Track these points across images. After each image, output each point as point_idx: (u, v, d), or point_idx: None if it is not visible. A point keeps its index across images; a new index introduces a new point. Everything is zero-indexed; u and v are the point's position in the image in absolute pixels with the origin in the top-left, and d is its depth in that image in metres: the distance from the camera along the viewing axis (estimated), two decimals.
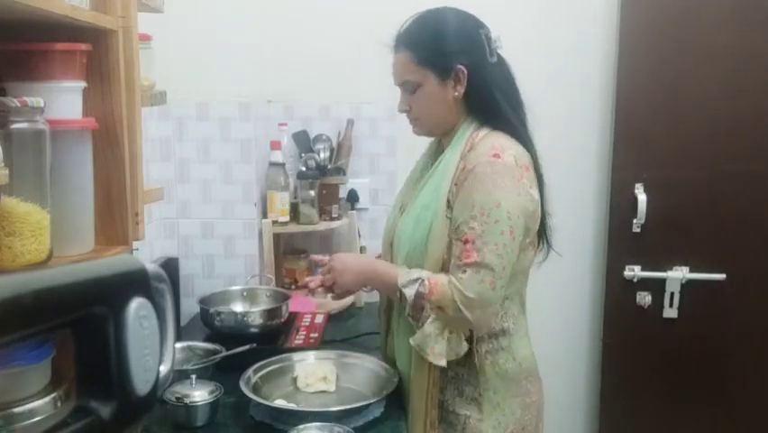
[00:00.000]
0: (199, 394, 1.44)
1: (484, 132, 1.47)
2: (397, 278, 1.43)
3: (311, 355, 1.69)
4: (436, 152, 1.61)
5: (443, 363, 1.39)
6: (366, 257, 1.58)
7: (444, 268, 1.43)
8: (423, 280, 1.40)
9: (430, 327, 1.39)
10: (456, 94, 1.47)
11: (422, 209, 1.48)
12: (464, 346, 1.42)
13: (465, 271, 1.37)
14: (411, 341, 1.43)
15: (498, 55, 1.50)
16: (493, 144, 1.43)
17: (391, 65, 1.55)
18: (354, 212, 2.35)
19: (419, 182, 1.57)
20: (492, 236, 1.36)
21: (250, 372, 1.56)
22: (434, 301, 1.38)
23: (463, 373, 1.48)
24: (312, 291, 1.64)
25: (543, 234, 1.55)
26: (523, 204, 1.40)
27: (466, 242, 1.37)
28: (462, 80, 1.46)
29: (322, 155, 2.30)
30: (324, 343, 1.90)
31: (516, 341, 1.51)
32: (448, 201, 1.43)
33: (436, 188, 1.46)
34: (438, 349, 1.39)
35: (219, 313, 1.88)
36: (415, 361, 1.48)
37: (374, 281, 1.56)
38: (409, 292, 1.40)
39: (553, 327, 2.49)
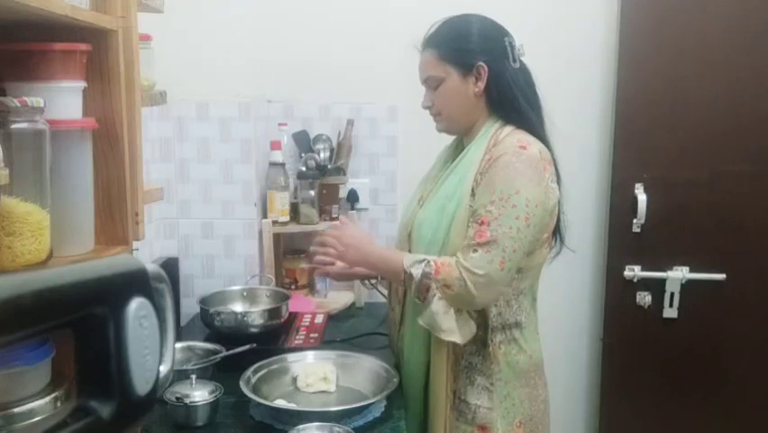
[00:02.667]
0: (199, 394, 1.44)
1: (508, 129, 1.53)
2: (402, 260, 1.47)
3: (311, 355, 1.69)
4: (457, 148, 1.65)
5: (455, 338, 1.42)
6: (373, 242, 1.61)
7: None
8: (429, 261, 1.44)
9: (437, 305, 1.41)
10: (476, 90, 1.53)
11: (446, 199, 1.52)
12: (473, 326, 1.45)
13: (476, 251, 1.40)
14: (419, 320, 1.45)
15: (522, 62, 1.56)
16: (519, 138, 1.49)
17: (418, 64, 1.60)
18: (354, 212, 2.35)
19: (439, 177, 1.61)
20: (507, 219, 1.40)
21: (250, 372, 1.56)
22: (440, 280, 1.41)
23: (477, 362, 1.52)
24: (311, 272, 1.64)
25: (557, 230, 1.59)
26: (542, 196, 1.44)
27: (481, 223, 1.41)
28: (483, 76, 1.52)
29: (322, 155, 2.30)
30: (324, 343, 1.90)
31: (528, 335, 1.56)
32: (472, 190, 1.47)
33: (461, 179, 1.51)
34: (447, 326, 1.41)
35: (219, 313, 1.88)
36: (434, 348, 1.52)
37: (378, 265, 1.58)
38: (416, 272, 1.43)
39: (554, 326, 2.48)
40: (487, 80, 1.51)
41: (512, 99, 1.52)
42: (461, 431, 1.52)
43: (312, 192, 2.25)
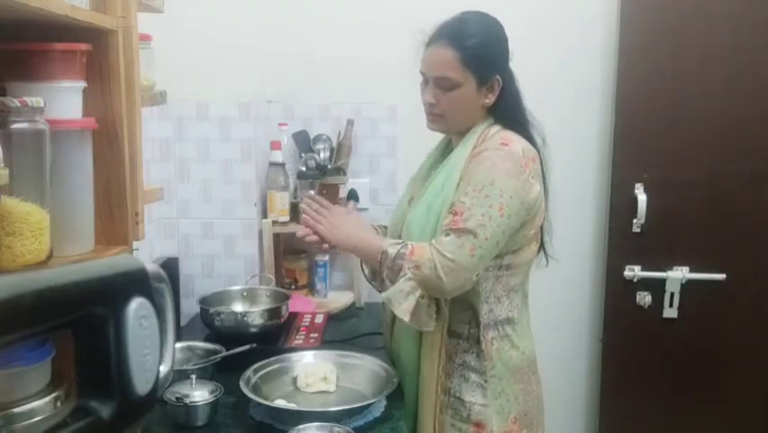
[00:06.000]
0: (199, 394, 1.44)
1: (496, 128, 1.54)
2: (381, 242, 1.50)
3: (311, 355, 1.69)
4: (446, 149, 1.66)
5: (407, 318, 1.43)
6: (363, 227, 1.60)
7: None
8: (406, 244, 1.46)
9: (404, 284, 1.43)
10: (486, 101, 1.54)
11: (433, 197, 1.53)
12: (432, 323, 1.46)
13: (448, 235, 1.42)
14: (383, 294, 1.47)
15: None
16: (503, 136, 1.52)
17: (428, 54, 1.54)
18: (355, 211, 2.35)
19: (429, 176, 1.62)
20: (480, 208, 1.42)
21: (250, 372, 1.56)
22: (413, 261, 1.42)
23: (470, 360, 1.52)
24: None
25: (540, 239, 1.60)
26: (519, 188, 1.45)
27: (455, 213, 1.43)
28: (496, 90, 1.53)
29: (322, 155, 2.30)
30: (324, 343, 1.90)
31: (520, 331, 1.57)
32: (458, 186, 1.48)
33: (447, 177, 1.52)
34: (406, 305, 1.42)
35: (219, 313, 1.88)
36: (424, 348, 1.53)
37: (357, 247, 1.58)
38: (391, 251, 1.46)
39: (554, 326, 2.49)
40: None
41: (516, 110, 1.55)
42: (458, 429, 1.53)
43: (312, 192, 2.25)
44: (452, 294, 1.45)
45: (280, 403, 1.47)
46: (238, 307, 2.01)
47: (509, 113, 1.55)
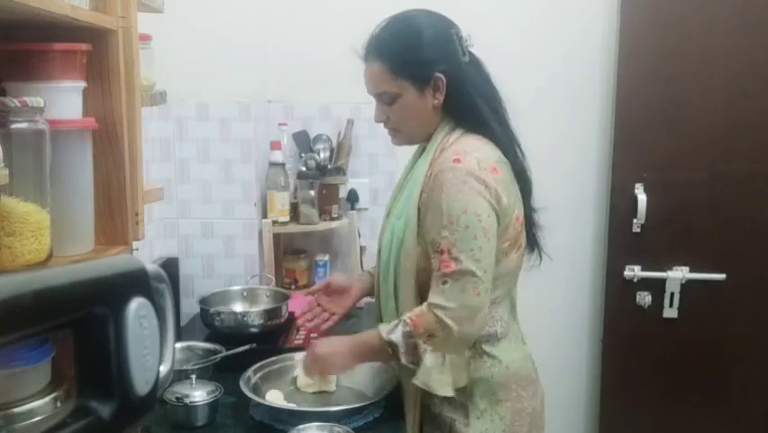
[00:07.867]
0: (199, 394, 1.44)
1: (456, 135, 1.43)
2: (377, 336, 1.39)
3: None
4: (420, 157, 1.56)
5: (450, 393, 1.36)
6: (344, 342, 1.51)
7: (418, 277, 1.40)
8: (403, 320, 1.36)
9: (430, 359, 1.34)
10: (435, 102, 1.43)
11: (395, 219, 1.47)
12: (464, 378, 1.39)
13: (446, 282, 1.32)
14: (414, 381, 1.36)
15: (471, 54, 1.44)
16: (456, 150, 1.38)
17: (363, 74, 1.49)
18: (354, 212, 2.35)
19: (401, 186, 1.55)
20: (466, 243, 1.32)
21: (250, 372, 1.56)
22: (422, 333, 1.33)
23: None
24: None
25: (534, 240, 1.52)
26: (489, 204, 1.35)
27: (441, 252, 1.33)
28: (442, 88, 1.41)
29: (322, 155, 2.30)
30: None
31: (505, 345, 1.46)
32: (419, 209, 1.39)
33: (408, 196, 1.45)
34: (444, 381, 1.35)
35: (219, 313, 1.88)
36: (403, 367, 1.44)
37: (358, 355, 1.48)
38: (396, 337, 1.35)
39: (554, 327, 2.49)
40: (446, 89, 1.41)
41: (469, 103, 1.42)
42: None
43: (312, 192, 2.25)
44: (474, 337, 1.37)
45: (280, 403, 1.47)
46: (238, 307, 2.01)
47: (464, 111, 1.42)
